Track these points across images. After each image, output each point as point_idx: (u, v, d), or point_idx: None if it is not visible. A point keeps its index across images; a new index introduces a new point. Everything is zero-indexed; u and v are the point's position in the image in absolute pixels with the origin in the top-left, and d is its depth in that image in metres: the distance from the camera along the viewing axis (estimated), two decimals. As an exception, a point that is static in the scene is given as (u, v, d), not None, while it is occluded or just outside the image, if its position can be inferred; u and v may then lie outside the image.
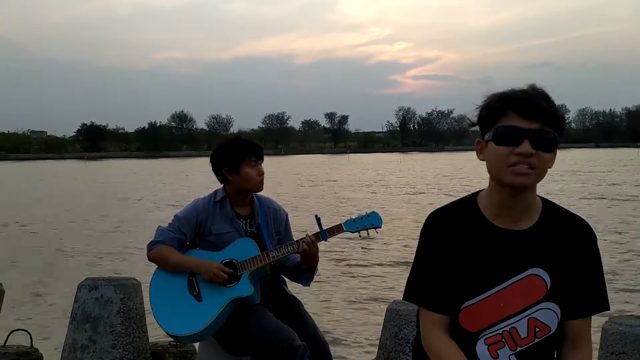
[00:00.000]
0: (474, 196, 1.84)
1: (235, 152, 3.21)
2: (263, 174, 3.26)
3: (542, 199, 1.81)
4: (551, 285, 1.74)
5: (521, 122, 1.65)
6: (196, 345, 3.61)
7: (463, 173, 39.39)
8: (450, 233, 1.78)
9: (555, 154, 1.71)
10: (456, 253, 1.76)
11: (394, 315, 3.51)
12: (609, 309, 1.81)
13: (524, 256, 1.74)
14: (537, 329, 1.75)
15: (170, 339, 3.78)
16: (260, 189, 3.29)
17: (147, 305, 3.51)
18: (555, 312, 1.75)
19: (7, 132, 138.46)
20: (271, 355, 2.87)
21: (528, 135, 1.64)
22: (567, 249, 1.76)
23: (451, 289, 1.76)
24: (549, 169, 1.71)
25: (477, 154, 1.77)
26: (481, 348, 1.75)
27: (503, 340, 1.75)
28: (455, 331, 1.77)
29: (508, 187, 1.70)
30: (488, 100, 1.73)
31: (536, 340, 1.75)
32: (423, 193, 25.63)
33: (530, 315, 1.74)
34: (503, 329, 1.74)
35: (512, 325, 1.74)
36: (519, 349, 1.75)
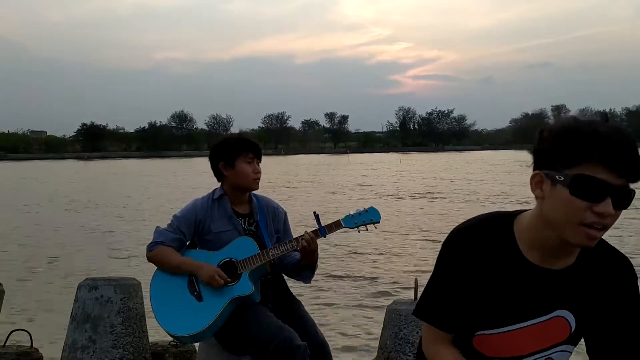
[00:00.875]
0: (511, 218, 1.63)
1: (231, 146, 3.24)
2: (259, 172, 3.26)
3: None
4: (575, 329, 1.63)
5: (607, 175, 1.41)
6: (196, 345, 3.61)
7: (471, 176, 39.30)
8: (477, 257, 1.60)
9: None
10: (479, 280, 1.60)
11: (394, 315, 3.51)
12: None
13: (553, 297, 1.60)
14: None
15: (171, 339, 3.79)
16: (255, 188, 3.29)
17: (147, 305, 3.51)
18: (570, 352, 1.68)
19: (7, 132, 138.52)
20: (272, 355, 2.87)
21: (612, 194, 1.42)
22: (603, 290, 1.62)
23: (467, 315, 1.63)
24: None
25: (531, 186, 1.53)
26: None
27: None
28: (469, 353, 1.68)
29: (568, 243, 1.51)
30: (568, 133, 1.44)
31: None
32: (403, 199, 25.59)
33: (547, 356, 1.66)
34: None
35: None
36: None
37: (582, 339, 1.71)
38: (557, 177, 1.45)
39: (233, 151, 3.22)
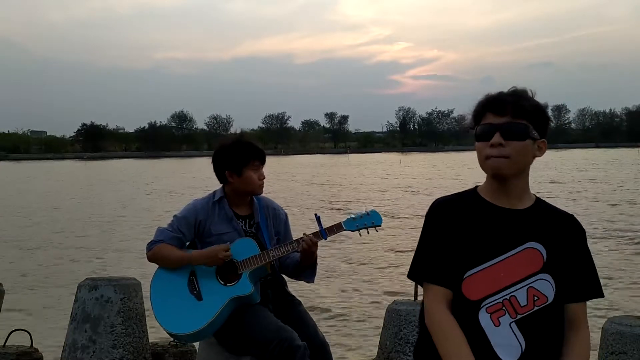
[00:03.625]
0: (474, 188, 2.02)
1: (239, 155, 3.20)
2: (264, 178, 3.26)
3: (536, 197, 1.99)
4: (547, 259, 1.88)
5: (494, 119, 1.88)
6: (196, 345, 3.61)
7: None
8: (453, 214, 1.94)
9: (542, 145, 1.91)
10: (459, 230, 1.91)
11: (394, 315, 3.51)
12: (603, 296, 1.96)
13: (522, 231, 1.89)
14: (535, 298, 1.86)
15: (171, 339, 3.79)
16: (260, 193, 3.30)
17: (147, 305, 3.51)
18: (550, 283, 1.88)
19: (7, 132, 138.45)
20: (272, 355, 2.88)
21: (498, 129, 1.85)
22: (560, 236, 1.92)
23: (454, 261, 1.89)
24: (538, 158, 1.92)
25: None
26: (483, 316, 1.85)
27: (504, 308, 1.85)
28: (459, 301, 1.87)
29: (494, 177, 1.91)
30: (476, 104, 1.96)
31: (535, 308, 1.85)
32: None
33: (529, 285, 1.86)
34: (503, 298, 1.85)
35: (512, 293, 1.85)
36: (519, 316, 1.84)
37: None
38: (474, 135, 1.93)
39: (241, 160, 3.19)
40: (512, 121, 1.86)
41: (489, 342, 1.83)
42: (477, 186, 2.02)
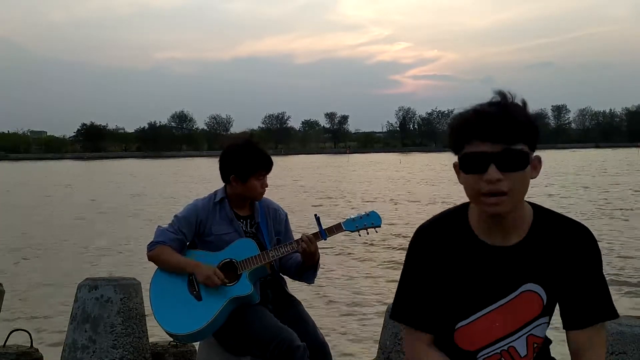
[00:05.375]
0: (465, 208, 1.74)
1: (247, 163, 3.17)
2: (267, 186, 3.25)
3: (534, 206, 1.71)
4: (547, 300, 1.68)
5: (484, 146, 1.55)
6: (196, 345, 3.61)
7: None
8: (439, 250, 1.70)
9: (536, 164, 1.62)
10: (445, 272, 1.69)
11: (394, 315, 3.50)
12: (617, 317, 1.69)
13: (516, 273, 1.66)
14: (535, 345, 1.71)
15: (171, 339, 3.79)
16: (260, 199, 3.29)
17: (147, 305, 3.51)
18: (547, 323, 1.71)
19: (7, 132, 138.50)
20: (272, 355, 2.88)
21: (492, 160, 1.54)
22: (563, 258, 1.67)
23: (442, 309, 1.70)
24: (533, 179, 1.62)
25: (458, 177, 1.67)
26: None
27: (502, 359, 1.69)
28: (452, 350, 1.72)
29: (488, 215, 1.63)
30: (452, 125, 1.63)
31: (534, 355, 1.71)
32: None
33: (528, 333, 1.69)
34: (501, 349, 1.69)
35: (510, 344, 1.69)
36: None
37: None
38: (456, 163, 1.64)
39: (248, 169, 3.17)
40: (508, 148, 1.54)
41: None
42: (467, 206, 1.74)
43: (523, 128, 1.56)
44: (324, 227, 3.15)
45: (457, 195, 19.82)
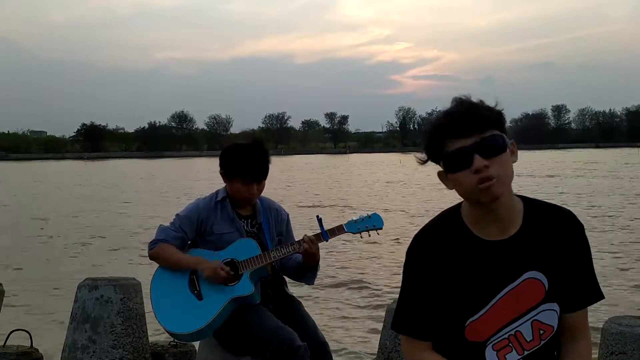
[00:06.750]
0: (457, 209, 1.81)
1: (232, 163, 3.17)
2: (254, 195, 3.19)
3: (522, 198, 1.80)
4: (549, 286, 1.74)
5: (463, 141, 1.65)
6: (196, 345, 3.61)
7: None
8: (438, 253, 1.76)
9: (514, 149, 1.71)
10: (448, 274, 1.74)
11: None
12: (603, 297, 1.82)
13: (516, 262, 1.73)
14: (541, 331, 1.75)
15: (171, 339, 3.79)
16: (250, 204, 3.27)
17: (147, 305, 3.51)
18: (555, 310, 1.77)
19: (7, 132, 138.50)
20: (272, 355, 2.88)
21: (474, 150, 1.64)
22: (557, 245, 1.75)
23: (449, 311, 1.75)
24: (514, 163, 1.70)
25: (445, 185, 1.75)
26: (490, 354, 1.76)
27: (510, 344, 1.75)
28: (463, 344, 1.76)
29: (486, 204, 1.69)
30: (427, 132, 1.74)
31: (542, 342, 1.75)
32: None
33: (533, 318, 1.74)
34: (508, 334, 1.75)
35: (517, 329, 1.74)
36: (526, 352, 1.75)
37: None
38: (441, 172, 1.74)
39: (233, 170, 3.17)
40: (484, 136, 1.65)
41: None
42: (460, 204, 1.81)
43: (490, 115, 1.68)
44: (325, 228, 3.16)
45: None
